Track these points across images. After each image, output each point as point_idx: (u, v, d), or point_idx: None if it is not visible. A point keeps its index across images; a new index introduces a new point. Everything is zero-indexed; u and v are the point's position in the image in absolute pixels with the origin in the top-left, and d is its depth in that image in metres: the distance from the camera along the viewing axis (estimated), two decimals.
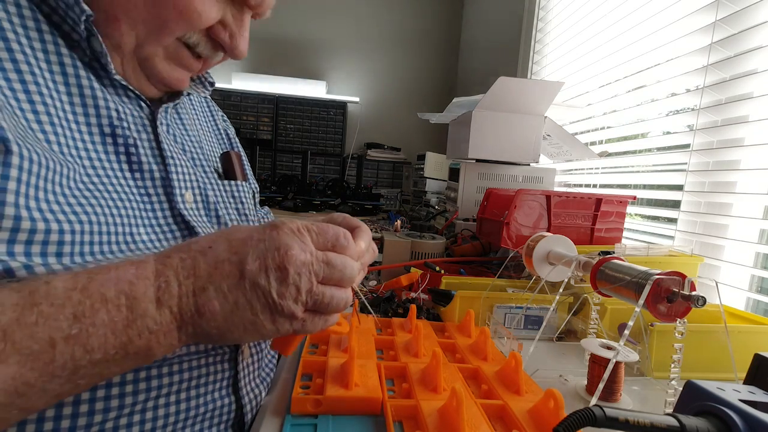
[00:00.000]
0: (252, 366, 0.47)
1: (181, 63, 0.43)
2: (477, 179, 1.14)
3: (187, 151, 0.48)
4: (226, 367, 0.43)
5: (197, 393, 0.39)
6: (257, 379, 0.47)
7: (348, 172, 2.59)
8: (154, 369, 0.36)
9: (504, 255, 0.87)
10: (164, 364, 0.37)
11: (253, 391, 0.46)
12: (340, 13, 2.80)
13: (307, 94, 2.60)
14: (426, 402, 0.40)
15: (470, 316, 0.61)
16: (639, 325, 0.53)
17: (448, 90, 2.90)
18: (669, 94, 0.99)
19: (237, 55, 0.45)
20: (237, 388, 0.44)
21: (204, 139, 0.55)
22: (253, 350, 0.47)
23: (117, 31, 0.38)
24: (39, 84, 0.34)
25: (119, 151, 0.39)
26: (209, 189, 0.49)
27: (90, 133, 0.37)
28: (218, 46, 0.44)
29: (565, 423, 0.26)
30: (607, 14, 1.20)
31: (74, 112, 0.36)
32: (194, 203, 0.46)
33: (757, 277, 0.77)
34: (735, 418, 0.26)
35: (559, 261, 0.60)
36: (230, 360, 0.43)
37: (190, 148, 0.50)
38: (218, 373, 0.42)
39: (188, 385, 0.39)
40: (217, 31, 0.43)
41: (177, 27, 0.39)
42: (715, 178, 0.84)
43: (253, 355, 0.47)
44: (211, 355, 0.41)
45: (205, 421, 0.40)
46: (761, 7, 0.74)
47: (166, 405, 0.37)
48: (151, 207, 0.41)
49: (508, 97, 1.08)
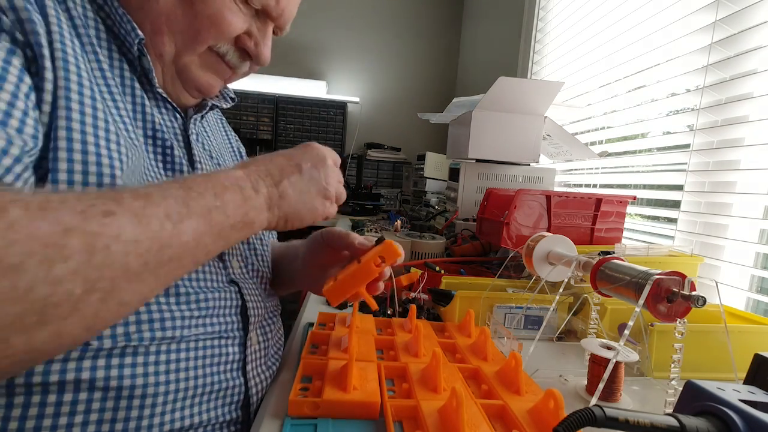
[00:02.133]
0: (259, 353, 0.50)
1: (214, 69, 0.50)
2: (477, 179, 1.14)
3: (213, 158, 0.56)
4: (236, 350, 0.47)
5: (212, 371, 0.44)
6: (263, 365, 0.51)
7: (348, 172, 2.59)
8: (174, 344, 0.41)
9: (504, 255, 0.87)
10: (183, 340, 0.42)
11: (259, 376, 0.49)
12: (340, 13, 2.79)
13: (307, 94, 2.59)
14: (426, 402, 0.40)
15: (470, 316, 0.61)
16: (639, 325, 0.53)
17: (448, 90, 2.90)
18: (669, 94, 0.99)
19: (262, 61, 0.52)
20: (245, 371, 0.48)
21: (224, 152, 0.62)
22: (260, 338, 0.51)
23: (160, 42, 0.45)
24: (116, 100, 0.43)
25: (157, 150, 0.46)
26: None
27: (143, 135, 0.45)
28: (245, 55, 0.51)
29: (565, 423, 0.26)
30: (607, 14, 1.20)
31: (134, 118, 0.45)
32: None
33: (757, 277, 0.77)
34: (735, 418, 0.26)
35: (559, 261, 0.60)
36: (240, 344, 0.48)
37: (216, 155, 0.57)
38: (229, 354, 0.46)
39: (203, 363, 0.43)
40: (244, 41, 0.49)
41: (209, 36, 0.46)
42: (715, 178, 0.84)
43: (260, 342, 0.51)
44: (223, 338, 0.46)
45: (218, 399, 0.45)
46: (761, 7, 0.74)
47: (186, 379, 0.42)
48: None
49: (508, 97, 1.08)
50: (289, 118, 2.56)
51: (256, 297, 0.52)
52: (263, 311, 0.53)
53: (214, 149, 0.57)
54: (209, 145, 0.56)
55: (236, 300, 0.48)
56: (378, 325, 0.62)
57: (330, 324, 0.61)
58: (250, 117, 2.51)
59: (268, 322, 0.55)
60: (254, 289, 0.52)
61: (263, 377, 0.50)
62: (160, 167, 0.46)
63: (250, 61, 0.52)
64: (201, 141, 0.54)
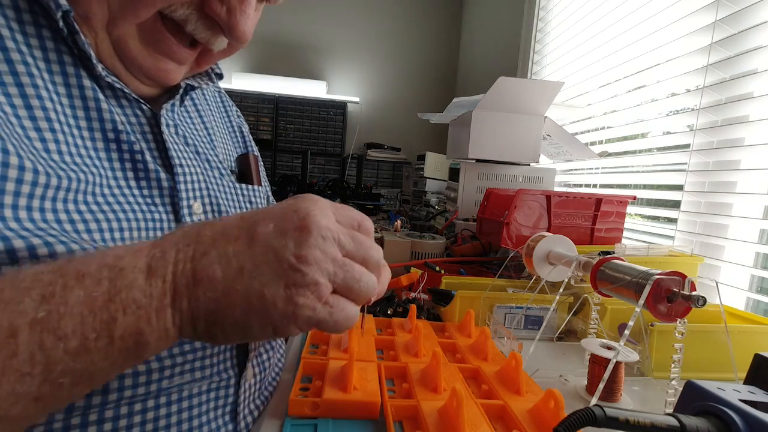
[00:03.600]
0: (254, 387, 0.43)
1: (161, 49, 0.36)
2: (477, 179, 1.14)
3: (200, 152, 0.44)
4: (230, 392, 0.40)
5: (199, 422, 0.36)
6: (256, 401, 0.44)
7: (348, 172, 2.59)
8: (151, 400, 0.33)
9: (504, 255, 0.87)
10: (162, 394, 0.33)
11: (251, 414, 0.43)
12: (340, 13, 2.80)
13: (307, 94, 2.60)
14: (426, 402, 0.40)
15: (470, 316, 0.61)
16: (639, 325, 0.53)
17: (448, 90, 2.90)
18: (669, 94, 0.99)
19: (236, 35, 0.37)
20: (236, 413, 0.40)
21: (219, 137, 0.50)
22: (257, 369, 0.43)
23: (86, 3, 0.32)
24: (38, 87, 0.31)
25: (124, 158, 0.35)
26: (222, 195, 0.45)
27: (93, 139, 0.34)
28: (216, 26, 0.37)
29: (565, 423, 0.26)
30: (607, 14, 1.20)
31: (75, 116, 0.33)
32: (203, 213, 0.42)
33: (757, 277, 0.77)
34: (735, 418, 0.26)
35: (559, 261, 0.60)
36: (234, 385, 0.40)
37: (204, 149, 0.45)
38: (220, 399, 0.38)
39: (189, 415, 0.36)
40: (212, 4, 0.35)
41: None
42: (715, 178, 0.84)
43: (256, 375, 0.43)
44: (214, 381, 0.38)
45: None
46: (761, 7, 0.74)
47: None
48: (159, 217, 0.37)
49: (508, 97, 1.08)
50: (289, 118, 2.56)
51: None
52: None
53: (201, 142, 0.45)
54: (195, 137, 0.44)
55: None
56: (378, 325, 0.62)
57: None
58: (249, 117, 2.51)
59: (267, 347, 0.46)
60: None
61: (253, 416, 0.43)
62: (130, 178, 0.35)
63: (223, 35, 0.38)
64: (182, 134, 0.42)
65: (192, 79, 0.44)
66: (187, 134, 0.43)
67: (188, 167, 0.40)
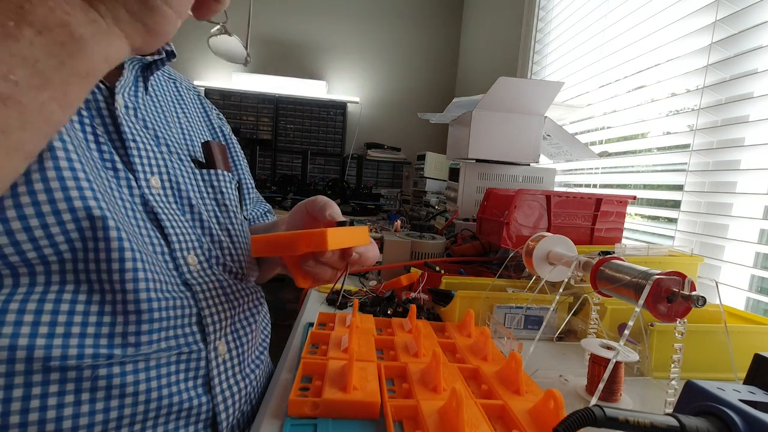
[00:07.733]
0: (230, 362, 0.45)
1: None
2: (477, 179, 1.14)
3: (160, 137, 0.45)
4: (201, 365, 0.42)
5: (169, 391, 0.38)
6: (236, 376, 0.45)
7: (348, 172, 2.59)
8: (116, 366, 0.35)
9: (504, 255, 0.87)
10: (128, 361, 0.36)
11: (230, 389, 0.44)
12: (340, 13, 2.80)
13: (307, 94, 2.60)
14: (426, 402, 0.40)
15: (470, 316, 0.61)
16: (639, 325, 0.53)
17: (448, 90, 2.90)
18: (669, 95, 0.99)
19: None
20: (210, 386, 0.42)
21: (195, 135, 0.53)
22: (232, 345, 0.46)
23: None
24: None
25: (86, 130, 0.37)
26: (181, 177, 0.47)
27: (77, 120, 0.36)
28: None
29: (565, 423, 0.26)
30: (607, 14, 1.20)
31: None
32: (162, 189, 0.44)
33: (757, 277, 0.77)
34: (735, 418, 0.26)
35: (559, 261, 0.60)
36: (205, 358, 0.42)
37: (164, 135, 0.46)
38: (190, 371, 0.41)
39: (158, 384, 0.38)
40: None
41: None
42: (715, 179, 0.84)
43: (233, 350, 0.46)
44: (183, 353, 0.40)
45: (180, 420, 0.40)
46: (761, 7, 0.74)
47: (134, 404, 0.36)
48: (125, 184, 0.40)
49: (508, 97, 1.08)
50: (289, 118, 2.56)
51: (217, 301, 0.44)
52: (232, 316, 0.46)
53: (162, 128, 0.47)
54: (155, 123, 0.46)
55: (190, 308, 0.41)
56: (378, 325, 0.62)
57: (330, 324, 0.61)
58: (249, 117, 2.51)
59: (244, 324, 0.49)
60: (216, 290, 0.45)
61: (236, 389, 0.45)
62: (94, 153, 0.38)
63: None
64: (142, 117, 0.44)
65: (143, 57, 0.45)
66: (148, 119, 0.45)
67: (143, 144, 0.42)
